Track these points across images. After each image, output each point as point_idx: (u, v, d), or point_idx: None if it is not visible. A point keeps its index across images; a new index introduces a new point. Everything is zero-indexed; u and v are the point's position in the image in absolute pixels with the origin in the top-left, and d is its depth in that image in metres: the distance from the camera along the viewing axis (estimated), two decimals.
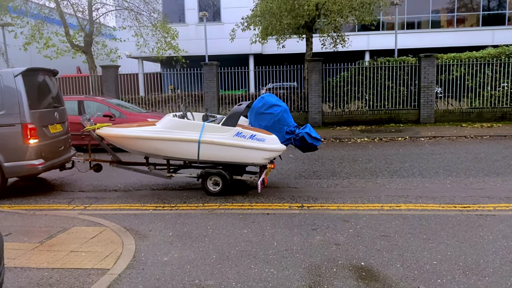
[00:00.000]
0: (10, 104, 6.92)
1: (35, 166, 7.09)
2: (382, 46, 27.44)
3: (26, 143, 6.98)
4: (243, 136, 6.60)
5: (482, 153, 10.01)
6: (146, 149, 7.06)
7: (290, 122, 7.22)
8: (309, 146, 7.17)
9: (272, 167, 7.13)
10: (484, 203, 6.10)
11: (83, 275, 4.07)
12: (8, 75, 6.96)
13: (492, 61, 15.28)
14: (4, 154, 6.98)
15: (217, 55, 25.30)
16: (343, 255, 4.39)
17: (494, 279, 3.77)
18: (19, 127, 6.94)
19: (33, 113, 7.08)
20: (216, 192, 6.98)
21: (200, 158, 6.80)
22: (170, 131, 6.80)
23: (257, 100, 7.41)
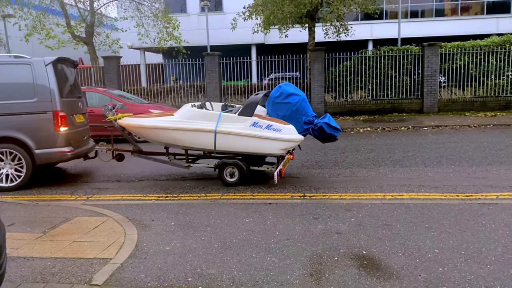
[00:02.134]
0: (42, 92, 7.07)
1: (65, 153, 7.29)
2: (385, 35, 27.27)
3: (57, 131, 7.16)
4: (259, 126, 6.52)
5: (486, 142, 9.96)
6: (164, 139, 7.08)
7: (308, 111, 7.05)
8: (328, 136, 6.98)
9: (291, 157, 7.06)
10: (486, 192, 6.08)
11: (85, 264, 4.10)
12: (39, 64, 7.11)
13: (496, 50, 15.14)
14: (35, 141, 7.11)
15: (219, 45, 25.18)
16: (344, 244, 4.40)
17: (496, 267, 3.77)
18: (50, 114, 7.11)
19: (63, 101, 7.26)
20: (232, 183, 6.92)
21: (216, 149, 6.77)
22: (187, 121, 6.79)
23: (274, 89, 7.27)
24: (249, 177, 7.05)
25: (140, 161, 8.67)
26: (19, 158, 7.13)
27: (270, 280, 3.68)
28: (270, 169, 7.00)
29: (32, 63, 7.11)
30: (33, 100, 7.06)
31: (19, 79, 7.07)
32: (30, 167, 7.17)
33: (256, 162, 7.20)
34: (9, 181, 7.16)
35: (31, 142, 7.09)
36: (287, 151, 6.76)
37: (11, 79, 7.07)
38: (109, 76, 17.00)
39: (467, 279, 3.57)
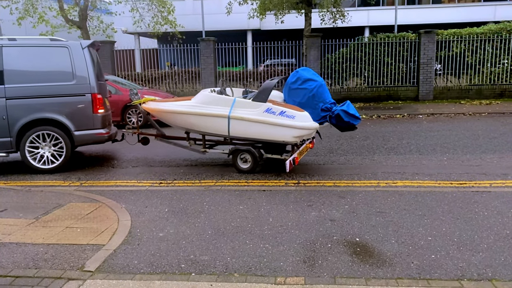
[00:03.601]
0: (80, 75, 7.21)
1: (103, 135, 7.47)
2: (382, 22, 27.09)
3: (95, 112, 7.32)
4: (272, 112, 6.35)
5: (480, 130, 9.98)
6: (182, 124, 7.11)
7: (326, 98, 6.71)
8: (346, 125, 6.60)
9: (310, 146, 6.93)
10: (480, 180, 6.10)
11: (78, 250, 4.08)
12: (76, 47, 7.25)
13: (492, 37, 15.09)
14: (74, 123, 7.24)
15: (214, 30, 24.93)
16: (338, 231, 4.40)
17: (488, 255, 3.79)
18: (89, 97, 7.25)
19: (99, 84, 7.44)
20: (246, 170, 6.82)
21: (230, 134, 6.70)
22: (203, 106, 6.76)
23: (291, 74, 7.02)
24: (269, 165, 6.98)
25: (134, 147, 8.64)
26: (58, 140, 7.22)
27: (263, 267, 3.68)
28: (284, 157, 6.78)
29: (69, 46, 7.24)
30: (72, 83, 7.19)
31: (57, 62, 7.19)
32: (69, 148, 7.29)
33: (276, 150, 7.04)
34: (49, 163, 7.26)
35: (70, 124, 7.21)
36: (301, 139, 6.58)
37: (49, 62, 7.20)
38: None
39: (459, 266, 3.59)
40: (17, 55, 7.12)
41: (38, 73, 7.13)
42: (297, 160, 6.35)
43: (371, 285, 3.30)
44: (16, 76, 7.06)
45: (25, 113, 7.08)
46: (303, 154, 6.76)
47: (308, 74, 6.82)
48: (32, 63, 7.15)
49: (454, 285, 3.29)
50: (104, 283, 3.45)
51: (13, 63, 7.07)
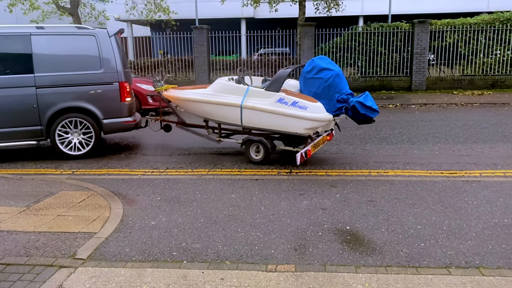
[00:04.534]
0: (108, 63, 7.26)
1: (130, 123, 7.56)
2: (376, 12, 26.94)
3: (123, 101, 7.39)
4: (285, 102, 6.14)
5: (472, 120, 10.05)
6: (198, 112, 7.09)
7: (342, 88, 6.28)
8: (362, 117, 6.14)
9: (328, 139, 6.75)
10: (470, 170, 6.16)
11: (70, 238, 4.08)
12: (104, 35, 7.28)
13: (486, 28, 15.11)
14: (103, 111, 7.30)
15: (208, 18, 24.67)
16: (329, 220, 4.44)
17: (476, 243, 3.85)
18: (116, 85, 7.30)
19: (125, 72, 7.50)
20: (257, 161, 6.68)
21: (243, 124, 6.62)
22: (217, 95, 6.69)
23: (307, 63, 6.70)
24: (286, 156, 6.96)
25: (128, 135, 8.62)
26: (87, 128, 7.29)
27: (255, 254, 3.71)
28: (296, 149, 6.51)
29: (96, 34, 7.25)
30: (100, 71, 7.23)
31: (85, 51, 7.23)
32: (98, 136, 7.38)
33: (294, 141, 6.82)
34: (77, 149, 7.35)
35: (99, 112, 7.27)
36: (314, 131, 6.35)
37: (77, 51, 7.24)
38: None
39: (447, 254, 3.65)
40: (45, 43, 7.11)
41: (67, 61, 7.17)
42: (309, 153, 6.16)
43: (360, 273, 3.34)
44: (45, 65, 7.06)
45: (55, 102, 7.11)
46: (319, 146, 6.55)
47: (324, 63, 6.47)
48: (60, 52, 7.17)
49: (442, 272, 3.34)
50: (96, 270, 3.46)
51: (42, 51, 7.07)
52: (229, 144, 8.11)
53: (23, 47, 7.02)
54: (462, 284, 3.16)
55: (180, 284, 3.24)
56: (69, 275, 3.40)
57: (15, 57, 7.12)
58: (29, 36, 7.03)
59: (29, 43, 7.01)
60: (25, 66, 7.01)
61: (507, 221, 4.31)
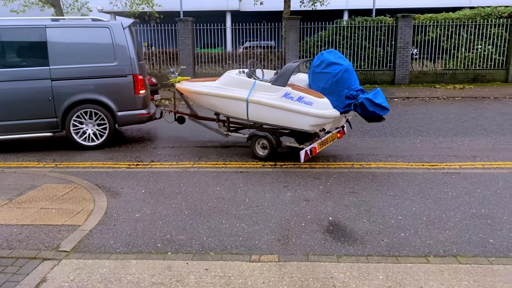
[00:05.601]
0: (122, 56, 7.25)
1: (144, 115, 7.57)
2: (360, 6, 27.12)
3: (137, 93, 7.41)
4: (290, 97, 5.91)
5: (453, 114, 10.24)
6: (208, 105, 7.02)
7: (352, 84, 6.01)
8: (371, 115, 5.89)
9: (339, 136, 6.52)
10: (450, 162, 6.30)
11: (53, 231, 4.07)
12: (118, 27, 7.26)
13: (467, 23, 15.34)
14: (117, 104, 7.34)
15: (192, 11, 24.53)
16: (312, 211, 4.51)
17: (454, 232, 3.96)
18: (130, 78, 7.32)
19: (140, 65, 7.51)
20: (262, 157, 6.51)
21: (249, 119, 6.48)
22: (224, 88, 6.58)
23: (316, 57, 6.43)
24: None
25: None
26: (102, 119, 7.34)
27: (239, 245, 3.76)
28: (301, 146, 6.43)
29: (110, 26, 7.24)
30: (114, 64, 7.24)
31: (99, 43, 7.22)
32: (112, 128, 7.41)
33: (305, 138, 6.57)
34: (91, 140, 7.42)
35: (113, 104, 7.31)
36: (320, 128, 6.05)
37: (92, 43, 7.23)
38: None
39: (426, 244, 3.75)
40: (60, 36, 7.12)
41: (81, 54, 7.17)
42: (315, 150, 5.98)
43: (342, 262, 3.42)
44: (60, 58, 7.09)
45: (69, 94, 7.16)
46: (327, 144, 6.33)
47: (333, 57, 6.18)
48: (75, 44, 7.19)
49: (421, 261, 3.43)
50: (80, 262, 3.46)
51: (57, 44, 7.09)
52: (217, 138, 8.14)
53: (39, 40, 7.05)
54: (440, 272, 3.26)
55: (165, 275, 3.27)
56: (52, 267, 3.39)
57: (31, 49, 7.18)
58: (44, 28, 7.06)
59: (44, 36, 7.04)
60: (41, 59, 7.07)
61: (484, 211, 4.44)
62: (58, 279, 3.22)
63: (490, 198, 4.79)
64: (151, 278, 3.21)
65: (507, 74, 15.43)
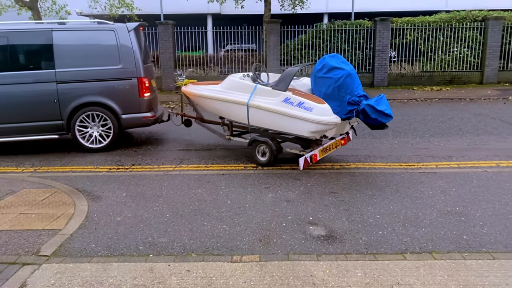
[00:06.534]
0: (126, 59, 7.30)
1: (149, 118, 7.59)
2: (340, 9, 27.48)
3: (141, 96, 7.44)
4: (290, 102, 5.79)
5: (430, 115, 10.47)
6: (210, 109, 6.98)
7: (354, 89, 5.78)
8: (374, 122, 5.65)
9: (343, 143, 6.37)
10: (427, 162, 6.46)
11: (33, 236, 4.04)
12: (123, 30, 7.31)
13: (443, 26, 15.72)
14: (121, 107, 7.37)
15: (173, 14, 24.47)
16: (293, 211, 4.58)
17: (430, 230, 4.08)
18: (135, 81, 7.35)
19: (145, 67, 7.52)
20: (263, 163, 6.34)
21: (250, 123, 6.40)
22: (226, 92, 6.52)
23: (318, 61, 6.21)
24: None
25: None
26: (106, 121, 7.37)
27: (220, 246, 3.80)
28: (302, 152, 6.30)
29: (116, 29, 7.29)
30: (118, 67, 7.29)
31: (104, 46, 7.28)
32: (116, 130, 7.43)
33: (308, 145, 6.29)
34: (97, 142, 7.45)
35: (117, 107, 7.34)
36: (321, 134, 5.89)
37: (97, 46, 7.28)
38: None
39: (403, 241, 3.86)
40: (66, 39, 7.20)
41: (86, 57, 7.22)
42: (315, 157, 5.85)
43: (322, 261, 3.50)
44: (65, 60, 7.16)
45: (74, 97, 7.20)
46: (330, 151, 6.19)
47: (335, 61, 5.99)
48: (80, 47, 7.23)
49: (398, 258, 3.53)
50: (61, 266, 3.46)
51: (62, 47, 7.16)
52: (199, 141, 8.16)
53: (45, 43, 7.13)
54: (416, 268, 3.36)
55: (147, 276, 3.29)
56: (32, 272, 3.38)
57: (37, 52, 7.21)
58: (50, 32, 7.14)
59: (50, 39, 7.12)
60: (46, 62, 7.15)
61: (459, 209, 4.58)
62: (39, 283, 3.21)
63: (464, 197, 4.95)
64: (133, 280, 3.23)
65: (482, 76, 15.86)
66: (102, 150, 7.44)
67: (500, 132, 8.34)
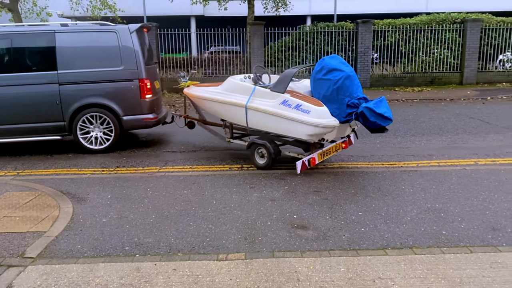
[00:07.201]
0: (128, 60, 7.31)
1: (150, 120, 7.59)
2: (323, 11, 27.76)
3: (143, 98, 7.44)
4: (288, 105, 5.70)
5: (411, 115, 10.68)
6: (211, 111, 6.94)
7: (353, 92, 5.65)
8: (373, 125, 5.55)
9: (344, 146, 6.18)
10: (408, 161, 6.61)
11: (18, 238, 4.03)
12: (124, 32, 7.32)
13: (424, 28, 16.03)
14: (123, 108, 7.38)
15: (156, 16, 24.36)
16: (277, 210, 4.66)
17: (410, 226, 4.20)
18: (136, 82, 7.36)
19: (147, 69, 7.53)
20: (262, 166, 6.24)
21: (248, 126, 6.34)
22: (226, 94, 6.47)
23: (317, 62, 6.05)
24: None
25: None
26: (108, 123, 7.39)
27: (206, 245, 3.85)
28: (300, 156, 6.15)
29: (117, 30, 7.31)
30: (120, 68, 7.30)
31: (106, 47, 7.30)
32: (118, 132, 7.45)
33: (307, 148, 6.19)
34: (98, 144, 7.47)
35: (118, 109, 7.35)
36: (319, 137, 5.77)
37: (99, 47, 7.31)
38: None
39: (385, 237, 3.96)
40: (68, 40, 7.24)
41: (89, 58, 7.26)
42: (314, 161, 5.75)
43: (306, 257, 3.58)
44: (67, 62, 7.21)
45: (76, 98, 7.24)
46: (329, 155, 6.05)
47: (334, 63, 5.82)
48: (82, 49, 7.27)
49: (380, 253, 3.64)
50: (47, 268, 3.46)
51: (65, 49, 7.21)
52: (184, 142, 8.18)
53: (48, 45, 7.19)
54: (397, 262, 3.47)
55: (133, 276, 3.32)
56: (18, 273, 3.38)
57: (40, 54, 7.28)
58: (53, 33, 7.19)
59: (53, 41, 7.18)
60: (49, 63, 7.20)
61: (438, 205, 4.72)
62: (25, 285, 3.21)
63: (444, 194, 5.09)
64: (119, 280, 3.26)
65: (461, 77, 16.22)
66: (103, 151, 7.46)
67: (478, 131, 8.57)
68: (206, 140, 8.29)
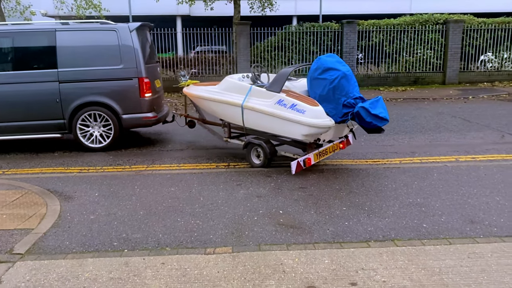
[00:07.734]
0: (128, 59, 7.33)
1: (150, 119, 7.59)
2: (308, 12, 27.97)
3: (142, 97, 7.45)
4: (283, 104, 5.64)
5: (395, 114, 10.88)
6: (209, 110, 6.93)
7: (350, 91, 5.57)
8: (369, 126, 5.53)
9: (341, 147, 6.14)
10: (392, 158, 6.77)
11: (5, 235, 4.04)
12: (124, 30, 7.36)
13: (407, 28, 16.30)
14: (122, 107, 7.40)
15: (142, 15, 24.29)
16: (264, 206, 4.75)
17: (392, 220, 4.33)
18: (136, 81, 7.37)
19: (147, 68, 7.53)
20: (257, 166, 6.26)
21: (245, 125, 6.30)
22: (223, 93, 6.43)
23: (314, 61, 5.99)
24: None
25: None
26: (107, 121, 7.41)
27: (194, 240, 3.92)
28: (295, 156, 6.08)
29: (117, 29, 7.35)
30: (119, 67, 7.33)
31: (106, 46, 7.33)
32: (117, 130, 7.47)
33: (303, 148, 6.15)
34: (97, 142, 7.50)
35: (118, 107, 7.37)
36: (314, 138, 5.72)
37: (99, 46, 7.33)
38: None
39: (368, 230, 4.08)
40: (69, 39, 7.28)
41: (88, 57, 7.29)
42: (309, 161, 5.73)
43: (291, 250, 3.67)
44: (68, 60, 7.25)
45: (76, 96, 7.28)
46: (326, 155, 6.01)
47: (330, 62, 5.73)
48: (82, 47, 7.30)
49: (363, 246, 3.75)
50: (36, 263, 3.49)
51: (65, 47, 7.25)
52: (171, 141, 8.22)
53: (48, 43, 7.23)
54: (379, 254, 3.59)
55: (122, 270, 3.37)
56: (7, 269, 3.40)
57: (40, 52, 7.32)
58: (54, 32, 7.24)
59: (53, 39, 7.22)
60: (49, 61, 7.24)
61: (420, 200, 4.86)
62: (14, 279, 3.24)
63: (425, 189, 5.24)
64: (108, 274, 3.31)
65: (444, 77, 16.53)
66: (103, 149, 7.49)
67: (460, 129, 8.79)
68: (194, 139, 8.35)
